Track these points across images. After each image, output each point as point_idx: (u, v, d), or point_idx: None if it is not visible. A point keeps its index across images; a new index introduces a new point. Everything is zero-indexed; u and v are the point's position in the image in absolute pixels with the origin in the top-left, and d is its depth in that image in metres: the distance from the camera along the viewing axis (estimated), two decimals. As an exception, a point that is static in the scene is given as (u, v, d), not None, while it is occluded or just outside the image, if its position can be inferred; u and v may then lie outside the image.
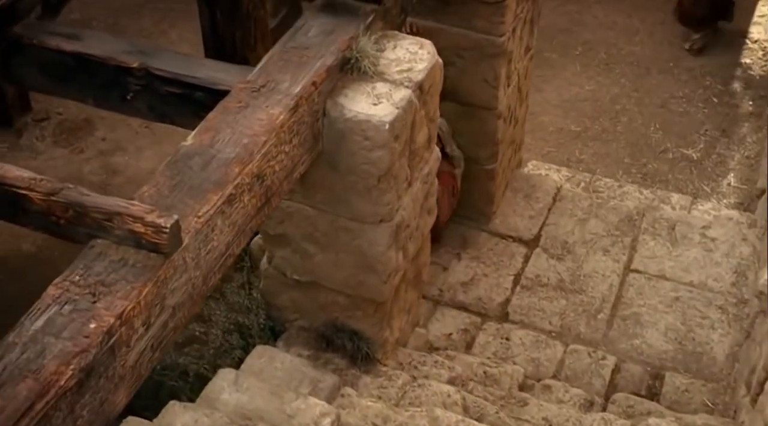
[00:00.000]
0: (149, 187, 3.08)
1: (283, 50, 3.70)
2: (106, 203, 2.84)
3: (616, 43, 8.25)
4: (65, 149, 7.22)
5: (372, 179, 3.77)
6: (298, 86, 3.50)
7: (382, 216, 3.90)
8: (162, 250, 2.80)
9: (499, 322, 5.19)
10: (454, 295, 5.34)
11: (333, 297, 4.26)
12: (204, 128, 3.32)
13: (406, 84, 3.77)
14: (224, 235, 3.13)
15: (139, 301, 2.73)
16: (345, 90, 3.72)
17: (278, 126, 3.34)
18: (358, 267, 4.05)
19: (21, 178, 2.92)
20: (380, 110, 3.64)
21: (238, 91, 3.50)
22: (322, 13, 3.89)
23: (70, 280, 2.77)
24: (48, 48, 4.02)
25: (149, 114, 4.06)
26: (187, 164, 3.17)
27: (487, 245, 5.62)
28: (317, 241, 4.06)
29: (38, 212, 2.92)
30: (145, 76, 3.92)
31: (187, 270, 2.95)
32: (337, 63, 3.68)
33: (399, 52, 3.91)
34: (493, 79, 5.13)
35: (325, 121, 3.69)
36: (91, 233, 2.88)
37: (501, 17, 4.91)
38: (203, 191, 3.06)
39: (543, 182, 6.07)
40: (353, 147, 3.70)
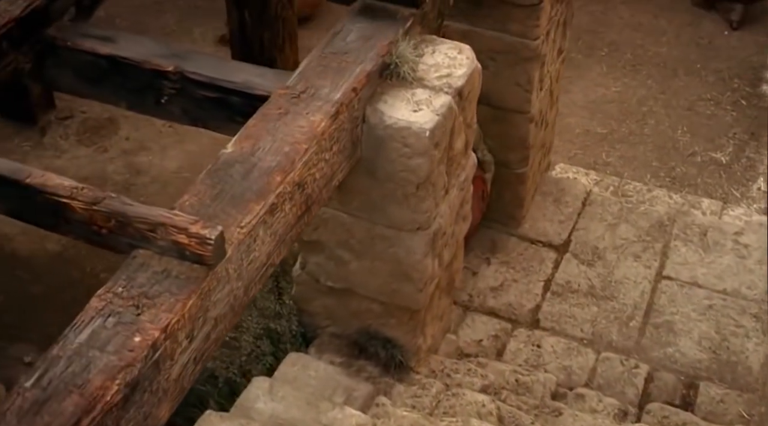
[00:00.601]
0: (190, 196, 3.03)
1: (321, 55, 3.64)
2: (149, 213, 2.80)
3: (642, 44, 8.18)
4: (89, 148, 7.18)
5: (411, 187, 3.72)
6: (338, 93, 3.45)
7: (420, 224, 3.84)
8: (206, 261, 2.76)
9: (530, 329, 5.13)
10: (484, 301, 5.28)
11: (367, 304, 4.21)
12: (244, 135, 3.28)
13: (446, 90, 3.72)
14: (266, 245, 3.08)
15: (183, 313, 2.68)
16: (384, 96, 3.67)
17: (319, 133, 3.29)
18: (394, 275, 4.00)
19: (62, 187, 2.88)
20: (420, 117, 3.59)
21: (277, 98, 3.45)
22: (360, 17, 3.83)
23: (113, 291, 2.72)
24: (82, 50, 3.98)
25: (183, 118, 4.01)
26: (227, 172, 3.12)
27: (516, 250, 5.57)
28: (352, 248, 4.01)
29: (80, 221, 2.88)
30: (180, 79, 3.87)
31: (229, 281, 2.91)
32: (377, 69, 3.63)
33: (438, 57, 3.85)
34: (527, 83, 5.07)
35: (364, 128, 3.64)
36: (134, 243, 2.84)
37: (536, 20, 4.85)
38: (245, 201, 3.01)
39: (572, 186, 6.00)
40: (392, 154, 3.65)
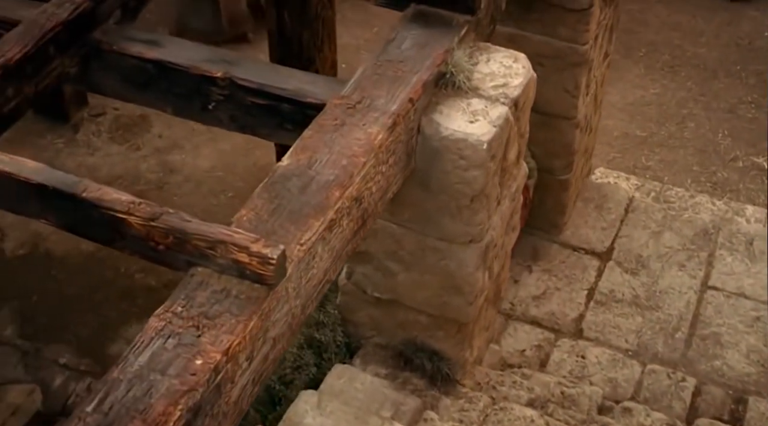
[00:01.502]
0: (247, 211, 2.95)
1: (376, 64, 3.55)
2: (208, 231, 2.72)
3: (680, 44, 8.05)
4: (122, 146, 7.13)
5: (465, 199, 3.63)
6: (395, 103, 3.36)
7: (473, 236, 3.76)
8: (267, 281, 2.68)
9: (574, 339, 5.04)
10: (526, 310, 5.20)
11: (414, 316, 4.13)
12: (300, 147, 3.19)
13: (502, 100, 3.62)
14: (323, 261, 3.00)
15: (244, 335, 2.61)
16: (440, 106, 3.58)
17: (377, 146, 3.21)
18: (444, 288, 3.92)
19: (119, 202, 2.80)
20: (477, 129, 3.50)
21: (332, 108, 3.36)
22: (414, 25, 3.74)
23: (173, 311, 2.65)
24: (128, 55, 3.90)
25: (231, 124, 3.93)
26: (285, 186, 3.04)
27: (558, 257, 5.48)
28: (402, 259, 3.93)
29: (136, 237, 2.81)
30: (229, 85, 3.78)
31: (288, 300, 2.83)
32: (433, 78, 3.54)
33: (493, 65, 3.76)
34: (574, 89, 4.97)
35: (418, 139, 3.55)
36: (192, 261, 2.76)
37: (586, 25, 4.75)
38: (304, 216, 2.93)
39: (614, 192, 5.90)
40: (447, 166, 3.56)
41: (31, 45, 3.66)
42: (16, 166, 2.94)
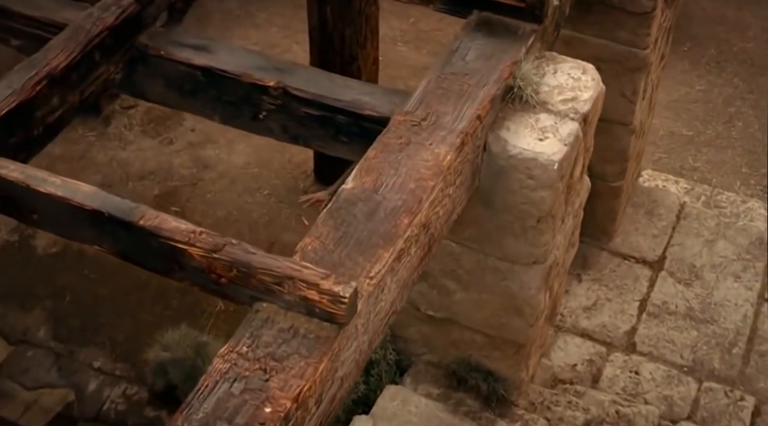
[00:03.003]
0: (312, 239, 2.78)
1: (440, 77, 3.37)
2: (275, 265, 2.56)
3: (727, 38, 7.81)
4: (154, 139, 6.97)
5: (531, 220, 3.45)
6: (463, 121, 3.18)
7: (536, 257, 3.59)
8: (338, 320, 2.52)
9: (626, 354, 4.87)
10: (577, 321, 5.02)
11: (469, 335, 3.97)
12: (365, 169, 3.02)
13: (572, 116, 3.44)
14: (391, 293, 2.84)
15: (314, 379, 2.45)
16: (506, 122, 3.40)
17: (445, 168, 3.03)
18: (504, 308, 3.75)
19: (179, 231, 2.64)
20: (548, 147, 3.31)
21: (397, 125, 3.19)
22: (477, 34, 3.55)
23: (238, 351, 2.50)
24: (176, 60, 3.73)
25: (282, 135, 3.76)
26: (350, 212, 2.87)
27: (608, 266, 5.29)
28: (459, 278, 3.76)
29: (197, 269, 2.65)
30: (282, 95, 3.61)
31: (357, 337, 2.67)
32: (501, 92, 3.35)
33: (560, 77, 3.57)
34: (632, 94, 4.77)
35: (484, 157, 3.37)
36: (256, 296, 2.60)
37: (647, 29, 4.54)
38: (372, 246, 2.77)
39: (665, 197, 5.71)
40: (514, 185, 3.38)
41: (77, 52, 3.50)
42: (69, 190, 2.78)
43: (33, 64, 3.41)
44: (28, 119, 3.35)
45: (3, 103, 3.22)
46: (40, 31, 3.84)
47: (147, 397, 5.27)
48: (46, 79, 3.37)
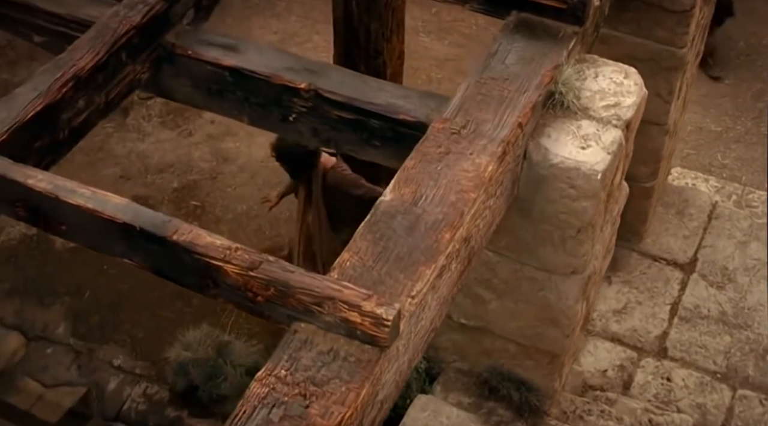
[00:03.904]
0: (351, 255, 2.68)
1: (479, 82, 3.25)
2: (315, 284, 2.45)
3: (755, 31, 7.65)
4: (173, 131, 6.87)
5: (571, 230, 3.34)
6: (504, 129, 3.06)
7: (575, 268, 3.48)
8: (380, 343, 2.42)
9: (658, 359, 4.77)
10: (607, 325, 4.92)
11: (502, 344, 3.87)
12: (403, 180, 2.91)
13: (615, 122, 3.32)
14: (431, 310, 2.74)
15: (356, 405, 2.35)
16: (547, 129, 3.28)
17: (487, 179, 2.92)
18: (539, 319, 3.65)
19: (214, 247, 2.54)
20: (590, 156, 3.20)
21: (435, 133, 3.07)
22: (517, 36, 3.42)
23: (276, 375, 2.39)
24: (204, 60, 3.62)
25: (312, 138, 3.65)
26: (389, 226, 2.76)
27: (639, 268, 5.19)
28: (495, 287, 3.66)
29: (232, 287, 2.54)
30: (313, 97, 3.50)
31: (398, 359, 2.57)
32: (542, 99, 3.23)
33: (602, 82, 3.45)
34: (667, 94, 4.64)
35: (524, 165, 3.26)
36: (294, 316, 2.50)
37: (685, 27, 4.41)
38: (413, 263, 2.66)
39: (696, 197, 5.58)
40: (554, 195, 3.27)
41: (103, 52, 3.39)
42: (100, 201, 2.68)
43: (59, 65, 3.30)
44: (54, 123, 3.25)
45: (29, 107, 3.12)
46: (64, 28, 3.73)
47: (168, 396, 5.20)
48: (72, 81, 3.26)
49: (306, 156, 5.08)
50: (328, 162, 5.17)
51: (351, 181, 5.15)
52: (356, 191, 5.14)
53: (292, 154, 5.08)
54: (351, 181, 5.15)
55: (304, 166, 5.18)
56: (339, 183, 5.16)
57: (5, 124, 3.06)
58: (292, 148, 4.98)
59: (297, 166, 5.21)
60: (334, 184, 5.17)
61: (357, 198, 5.13)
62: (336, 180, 5.16)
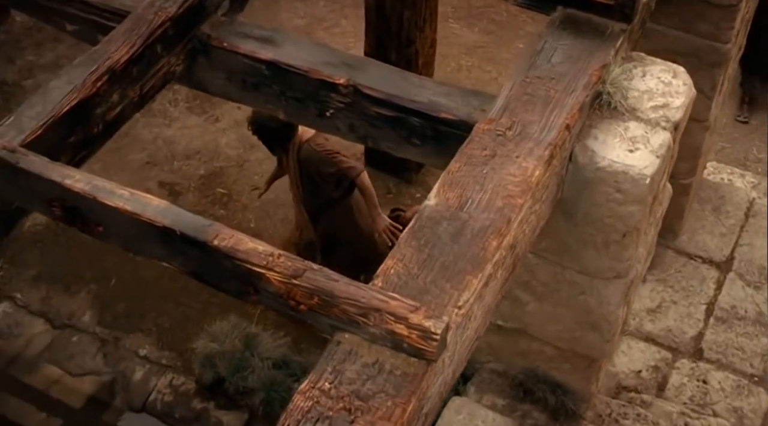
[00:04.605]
0: (395, 262, 2.60)
1: (525, 81, 3.15)
2: (360, 295, 2.38)
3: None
4: (199, 117, 6.80)
5: (616, 234, 3.25)
6: (552, 131, 2.97)
7: (618, 272, 3.39)
8: (427, 357, 2.35)
9: (694, 361, 4.68)
10: (641, 324, 4.83)
11: (538, 346, 3.79)
12: (448, 183, 2.82)
13: (663, 124, 3.22)
14: (476, 320, 2.66)
15: (402, 421, 2.28)
16: (594, 130, 3.18)
17: (534, 184, 2.83)
18: (579, 323, 3.57)
19: (256, 254, 2.47)
20: (639, 160, 3.10)
21: (480, 134, 2.98)
22: (563, 33, 3.32)
23: (320, 387, 2.33)
24: (240, 53, 3.54)
25: (349, 134, 3.57)
26: (435, 232, 2.68)
27: (674, 266, 5.09)
28: (534, 290, 3.58)
29: (274, 294, 2.48)
30: (352, 93, 3.41)
31: (443, 371, 2.50)
32: (589, 99, 3.14)
33: (650, 82, 3.34)
34: (710, 90, 4.52)
35: (569, 167, 3.17)
36: (337, 326, 2.43)
37: (730, 22, 4.28)
38: (459, 271, 2.58)
39: (733, 193, 5.47)
40: (599, 198, 3.18)
41: (138, 44, 3.32)
42: (139, 204, 2.61)
43: (93, 57, 3.23)
44: (88, 117, 3.19)
45: (64, 101, 3.06)
46: (97, 17, 3.67)
47: (194, 388, 5.15)
48: (106, 75, 3.20)
49: (281, 129, 4.99)
50: (305, 134, 5.05)
51: (323, 158, 5.01)
52: (327, 168, 5.03)
53: (268, 127, 5.00)
54: (323, 157, 5.01)
55: (281, 140, 5.09)
56: (311, 157, 5.04)
57: (40, 118, 2.99)
58: (267, 121, 4.91)
59: (273, 139, 5.12)
60: (307, 158, 5.06)
61: (328, 175, 5.05)
62: (308, 154, 5.05)
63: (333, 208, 5.22)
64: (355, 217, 5.22)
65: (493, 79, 7.12)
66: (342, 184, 5.06)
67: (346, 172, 5.01)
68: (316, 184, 5.13)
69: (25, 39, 7.38)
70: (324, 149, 5.02)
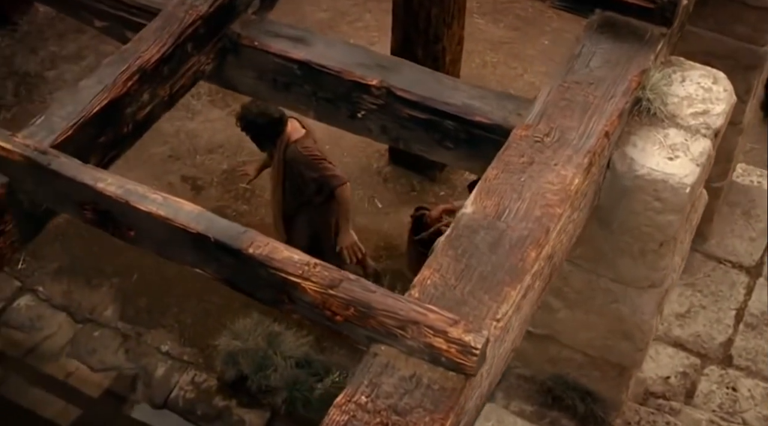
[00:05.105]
0: (432, 272, 2.55)
1: (563, 85, 3.09)
2: (398, 307, 2.33)
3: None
4: (222, 110, 6.75)
5: (653, 243, 3.19)
6: (590, 138, 2.91)
7: (653, 281, 3.33)
8: (466, 371, 2.30)
9: (723, 367, 4.62)
10: (669, 329, 4.77)
11: (568, 353, 3.74)
12: (485, 191, 2.77)
13: (703, 132, 3.15)
14: (514, 332, 2.61)
15: (440, 437, 2.24)
16: (632, 137, 3.12)
17: (573, 193, 2.77)
18: (611, 331, 3.51)
19: (292, 263, 2.42)
20: (679, 168, 3.04)
21: (517, 140, 2.92)
22: (601, 36, 3.26)
23: (356, 401, 2.28)
24: (271, 52, 3.49)
25: (381, 136, 3.52)
26: (472, 241, 2.63)
27: (702, 270, 5.02)
28: (566, 297, 3.52)
29: (310, 304, 2.43)
30: (385, 95, 3.36)
31: (480, 384, 2.45)
32: (629, 106, 3.07)
33: (689, 87, 3.27)
34: (745, 93, 4.44)
35: (607, 174, 3.11)
36: (374, 338, 2.39)
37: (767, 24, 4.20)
38: (498, 283, 2.53)
39: (763, 197, 5.39)
40: (637, 207, 3.12)
41: (169, 43, 3.27)
42: (172, 209, 2.57)
43: (124, 57, 3.19)
44: (118, 117, 3.14)
45: (95, 101, 3.02)
46: (126, 13, 3.63)
47: (216, 385, 5.13)
48: (137, 74, 3.16)
49: (270, 125, 4.95)
50: (293, 134, 5.02)
51: (309, 162, 4.97)
52: (311, 173, 5.00)
53: (256, 123, 4.96)
54: (309, 161, 4.97)
55: (269, 136, 5.05)
56: (296, 159, 5.01)
57: (71, 119, 2.96)
58: (256, 117, 4.88)
59: (262, 135, 5.09)
60: (293, 159, 5.03)
61: (311, 180, 5.02)
62: (295, 155, 5.01)
63: (310, 211, 5.19)
64: (330, 225, 5.20)
65: (518, 76, 7.05)
66: (323, 191, 5.03)
67: (329, 179, 4.99)
68: (298, 186, 5.10)
69: (47, 29, 7.34)
70: (311, 153, 4.99)
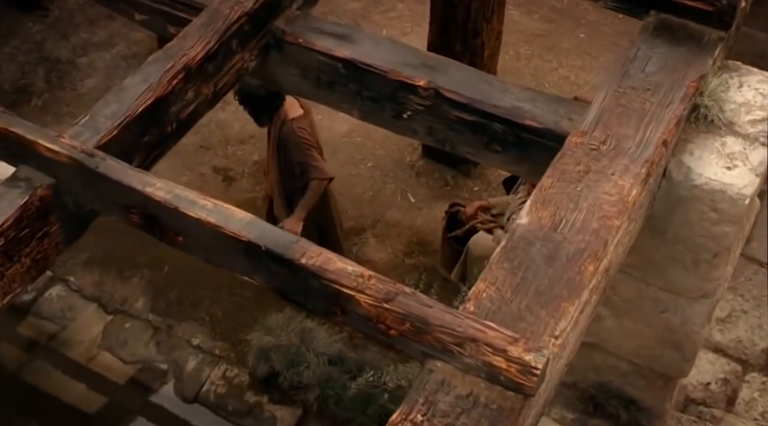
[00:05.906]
0: (487, 285, 2.48)
1: (618, 91, 3.01)
2: (456, 323, 2.27)
3: None
4: (254, 100, 6.68)
5: (707, 254, 3.11)
6: (648, 147, 2.83)
7: (705, 292, 3.25)
8: (525, 391, 2.23)
9: (765, 374, 4.54)
10: (710, 334, 4.69)
11: (613, 361, 3.67)
12: (541, 201, 2.70)
13: (762, 140, 3.06)
14: (569, 347, 2.54)
15: (498, 459, 2.18)
16: (689, 145, 3.03)
17: (630, 204, 2.69)
18: (659, 341, 3.44)
19: (346, 274, 2.36)
20: (737, 178, 2.95)
21: (573, 148, 2.85)
22: (657, 40, 3.17)
23: (412, 420, 2.22)
24: (316, 50, 3.42)
25: (427, 137, 3.44)
26: (528, 253, 2.56)
27: (744, 274, 4.93)
28: (613, 305, 3.45)
29: (363, 317, 2.37)
30: (432, 96, 3.28)
31: (538, 403, 2.39)
32: (687, 113, 2.98)
33: (747, 93, 3.18)
34: (794, 96, 4.33)
35: (662, 183, 3.02)
36: (429, 354, 2.32)
37: (821, 26, 4.10)
38: (555, 298, 2.46)
39: (806, 199, 5.27)
40: (693, 217, 3.03)
41: (214, 41, 3.21)
42: (222, 216, 2.51)
43: (169, 54, 3.13)
44: (162, 116, 3.09)
45: (139, 100, 2.96)
46: (168, 7, 3.56)
47: (248, 380, 5.08)
48: (182, 72, 3.10)
49: (268, 97, 4.91)
50: (291, 112, 4.99)
51: (298, 142, 4.96)
52: (297, 156, 4.98)
53: (254, 95, 4.91)
54: (298, 142, 4.96)
55: (267, 109, 5.02)
56: (289, 137, 4.98)
57: (116, 118, 2.90)
58: (254, 89, 4.82)
59: (259, 108, 5.04)
60: (286, 137, 5.00)
61: (296, 163, 4.99)
62: (288, 134, 4.99)
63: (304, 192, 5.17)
64: (330, 207, 5.26)
65: (553, 70, 6.95)
66: (304, 178, 5.00)
67: (310, 169, 4.96)
68: (289, 165, 5.09)
69: (78, 15, 7.29)
70: (303, 136, 4.97)
